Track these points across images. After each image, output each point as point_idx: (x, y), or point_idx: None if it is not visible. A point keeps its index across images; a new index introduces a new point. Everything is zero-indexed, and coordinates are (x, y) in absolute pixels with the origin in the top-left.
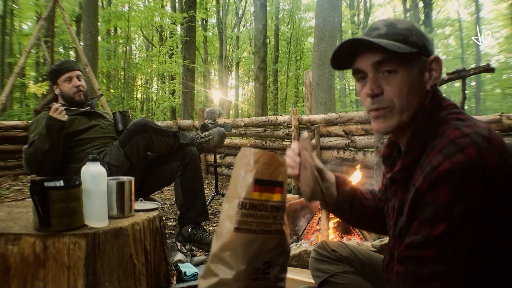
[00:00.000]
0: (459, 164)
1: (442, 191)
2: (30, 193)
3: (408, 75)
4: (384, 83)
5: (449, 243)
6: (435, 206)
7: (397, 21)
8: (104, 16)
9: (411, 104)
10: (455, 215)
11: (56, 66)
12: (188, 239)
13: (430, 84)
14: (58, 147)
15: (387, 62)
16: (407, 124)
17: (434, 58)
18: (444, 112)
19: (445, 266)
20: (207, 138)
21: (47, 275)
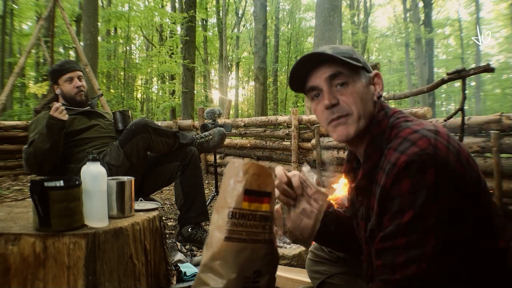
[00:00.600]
0: (414, 154)
1: (404, 182)
2: (30, 193)
3: (358, 86)
4: (338, 94)
5: (418, 228)
6: (401, 197)
7: (338, 45)
8: (104, 16)
9: (365, 111)
10: (420, 201)
11: (57, 66)
12: (188, 239)
13: (376, 96)
14: (58, 147)
15: (338, 76)
16: (363, 133)
17: (375, 73)
18: (392, 118)
19: (418, 250)
20: (207, 138)
21: (47, 275)
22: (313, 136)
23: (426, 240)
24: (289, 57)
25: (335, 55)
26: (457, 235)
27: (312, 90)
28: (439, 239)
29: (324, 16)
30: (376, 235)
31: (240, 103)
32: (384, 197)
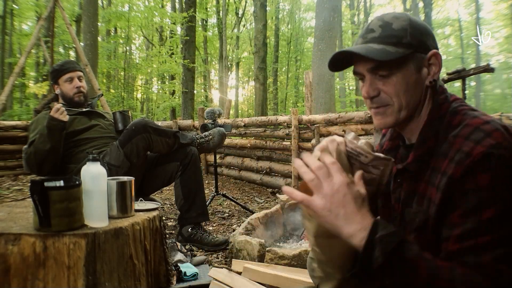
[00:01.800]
0: (492, 147)
1: (482, 176)
2: (30, 193)
3: (403, 76)
4: (380, 84)
5: (503, 226)
6: (479, 192)
7: (393, 19)
8: (104, 16)
9: (409, 102)
10: (502, 197)
11: (58, 66)
12: (188, 239)
13: (429, 80)
14: (58, 148)
15: (380, 67)
16: (407, 119)
17: (433, 53)
18: (454, 104)
19: (506, 249)
20: (207, 138)
21: (47, 275)
22: (313, 136)
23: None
24: (289, 57)
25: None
26: None
27: (357, 74)
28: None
29: (324, 16)
30: (429, 226)
31: (240, 103)
32: (452, 188)
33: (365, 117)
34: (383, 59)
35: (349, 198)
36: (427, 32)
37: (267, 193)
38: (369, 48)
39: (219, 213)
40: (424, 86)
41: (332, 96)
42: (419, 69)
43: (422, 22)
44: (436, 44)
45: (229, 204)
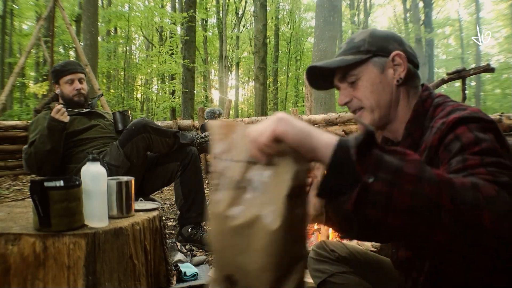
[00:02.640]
0: (466, 113)
1: (459, 129)
2: (30, 193)
3: (367, 79)
4: (351, 91)
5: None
6: (460, 139)
7: (357, 34)
8: (104, 16)
9: (378, 102)
10: (483, 138)
11: (59, 66)
12: (188, 239)
13: (396, 79)
14: (59, 148)
15: (347, 76)
16: (386, 118)
17: (394, 54)
18: (437, 99)
19: (495, 158)
20: (207, 138)
21: (47, 275)
22: None
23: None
24: (289, 57)
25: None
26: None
27: (336, 88)
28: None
29: (324, 16)
30: None
31: (240, 103)
32: (433, 152)
33: None
34: (340, 65)
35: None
36: (389, 37)
37: None
38: (328, 61)
39: None
40: (392, 85)
41: (332, 96)
42: (382, 70)
43: (387, 31)
44: (403, 47)
45: None
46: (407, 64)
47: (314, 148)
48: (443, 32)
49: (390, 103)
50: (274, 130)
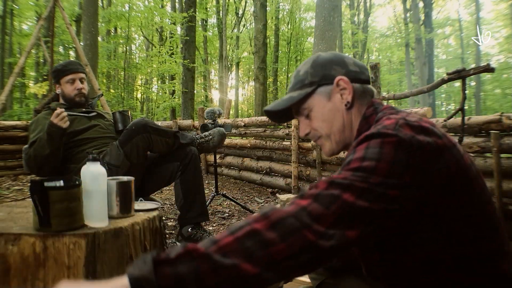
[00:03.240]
0: (376, 130)
1: (361, 145)
2: (30, 193)
3: (317, 110)
4: (308, 123)
5: (358, 175)
6: (353, 154)
7: (302, 65)
8: (104, 16)
9: (331, 129)
10: (371, 156)
11: (60, 66)
12: (188, 239)
13: (344, 103)
14: (58, 152)
15: (299, 111)
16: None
17: (337, 80)
18: (380, 114)
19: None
20: (207, 138)
21: (47, 275)
22: None
23: (361, 182)
24: (289, 57)
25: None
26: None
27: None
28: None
29: (324, 16)
30: None
31: (240, 103)
32: (342, 165)
33: None
34: (286, 106)
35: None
36: (330, 63)
37: (267, 193)
38: (279, 102)
39: (219, 213)
40: (342, 110)
41: None
42: (329, 98)
43: (329, 56)
44: (346, 68)
45: (229, 204)
46: (351, 86)
47: None
48: (443, 32)
49: (343, 127)
50: None
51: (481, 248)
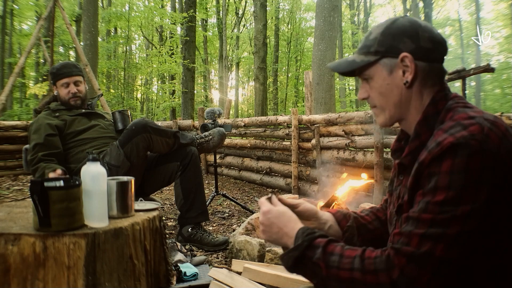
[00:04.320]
0: (462, 137)
1: (445, 162)
2: (30, 193)
3: (376, 81)
4: (368, 88)
5: (447, 210)
6: (439, 175)
7: (374, 28)
8: (104, 16)
9: (386, 104)
10: (457, 183)
11: (55, 70)
12: (188, 239)
13: (404, 81)
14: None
15: (361, 74)
16: (398, 117)
17: (403, 56)
18: (450, 102)
19: (439, 230)
20: (207, 138)
21: (47, 275)
22: (313, 136)
23: (451, 223)
24: (289, 57)
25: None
26: (487, 238)
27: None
28: (465, 229)
29: (324, 16)
30: (403, 211)
31: (240, 103)
32: (420, 172)
33: (365, 117)
34: (347, 70)
35: (272, 221)
36: (402, 34)
37: (267, 193)
38: (340, 62)
39: (219, 213)
40: (401, 87)
41: (332, 96)
42: (391, 72)
43: (403, 24)
44: (418, 43)
45: (229, 204)
46: (414, 66)
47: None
48: (443, 32)
49: (400, 103)
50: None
51: None
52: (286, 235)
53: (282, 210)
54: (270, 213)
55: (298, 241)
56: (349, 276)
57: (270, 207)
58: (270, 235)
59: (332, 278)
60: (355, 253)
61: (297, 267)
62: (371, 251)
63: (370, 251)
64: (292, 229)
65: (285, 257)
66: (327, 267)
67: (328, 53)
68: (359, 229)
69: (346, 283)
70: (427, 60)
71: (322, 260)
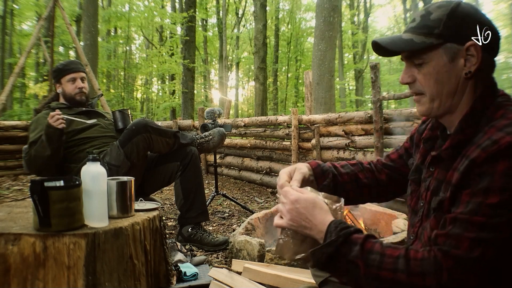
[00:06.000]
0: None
1: (501, 163)
2: (30, 193)
3: (434, 66)
4: (416, 72)
5: (501, 214)
6: (492, 177)
7: (435, 8)
8: (104, 16)
9: (440, 93)
10: (511, 187)
11: (61, 65)
12: (188, 239)
13: (465, 71)
14: (58, 153)
15: (413, 56)
16: (447, 109)
17: (470, 44)
18: (500, 99)
19: (491, 235)
20: (207, 138)
21: (47, 275)
22: (313, 136)
23: (504, 228)
24: (289, 57)
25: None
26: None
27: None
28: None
29: (324, 16)
30: (445, 207)
31: (240, 103)
32: (471, 170)
33: (365, 117)
34: (404, 49)
35: (300, 211)
36: (471, 20)
37: (267, 193)
38: (394, 39)
39: (219, 213)
40: (460, 77)
41: (332, 96)
42: (452, 59)
43: (471, 9)
44: (484, 33)
45: (229, 204)
46: (480, 57)
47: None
48: None
49: (454, 94)
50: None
51: None
52: (316, 227)
53: (311, 199)
54: (298, 202)
55: (331, 236)
56: (392, 277)
57: (299, 196)
58: (297, 225)
59: (370, 277)
60: (398, 253)
61: (330, 264)
62: (415, 251)
63: (414, 251)
64: (322, 222)
65: (317, 252)
66: (366, 266)
67: (328, 53)
68: (334, 187)
69: (387, 283)
70: (490, 52)
71: (360, 258)
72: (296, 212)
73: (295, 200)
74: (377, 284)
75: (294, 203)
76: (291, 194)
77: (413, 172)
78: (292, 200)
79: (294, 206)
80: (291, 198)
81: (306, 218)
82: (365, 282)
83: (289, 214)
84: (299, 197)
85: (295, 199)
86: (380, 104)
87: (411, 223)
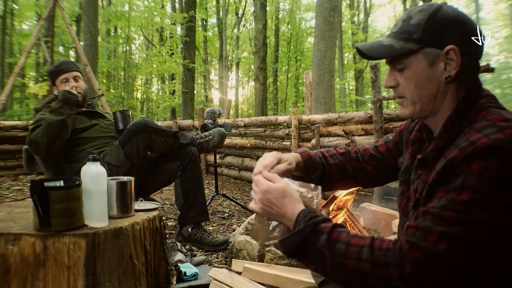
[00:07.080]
0: (497, 141)
1: (476, 163)
2: (30, 193)
3: (413, 71)
4: (398, 76)
5: (472, 212)
6: (466, 176)
7: (416, 13)
8: (104, 16)
9: (420, 97)
10: (486, 187)
11: (53, 68)
12: (188, 239)
13: (445, 75)
14: (68, 124)
15: (394, 61)
16: (430, 112)
17: (449, 49)
18: (483, 100)
19: (460, 230)
20: (207, 138)
21: (47, 275)
22: (313, 136)
23: (474, 225)
24: (289, 57)
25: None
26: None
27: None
28: (487, 232)
29: (324, 16)
30: (420, 205)
31: (240, 103)
32: (447, 169)
33: (365, 117)
34: (383, 56)
35: (271, 200)
36: (452, 25)
37: None
38: (374, 45)
39: (219, 213)
40: (440, 81)
41: (332, 96)
42: (432, 64)
43: (452, 13)
44: (465, 36)
45: (229, 204)
46: (460, 61)
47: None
48: None
49: (435, 98)
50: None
51: None
52: (286, 216)
53: (282, 189)
54: (269, 192)
55: (299, 225)
56: (356, 267)
57: (269, 185)
58: (269, 214)
59: (336, 266)
60: (363, 242)
61: (298, 252)
62: (380, 241)
63: (380, 241)
64: (292, 211)
65: (286, 241)
66: (332, 255)
67: (328, 53)
68: (322, 179)
69: (352, 273)
70: (471, 55)
71: (327, 247)
72: (267, 201)
73: (265, 190)
74: (343, 273)
75: (264, 193)
76: (261, 184)
77: (403, 172)
78: (262, 190)
79: (265, 196)
80: (261, 188)
81: (276, 207)
82: (331, 271)
83: (260, 203)
84: (269, 187)
85: (265, 190)
86: (380, 104)
87: (401, 223)
